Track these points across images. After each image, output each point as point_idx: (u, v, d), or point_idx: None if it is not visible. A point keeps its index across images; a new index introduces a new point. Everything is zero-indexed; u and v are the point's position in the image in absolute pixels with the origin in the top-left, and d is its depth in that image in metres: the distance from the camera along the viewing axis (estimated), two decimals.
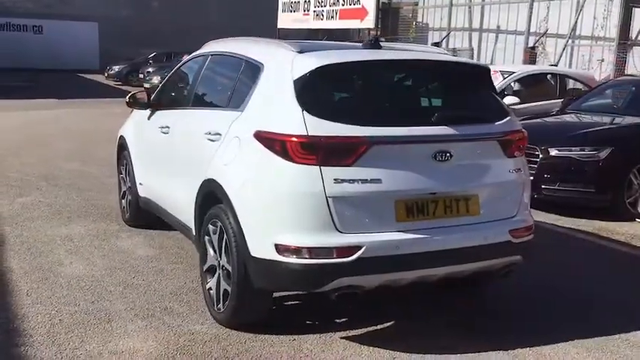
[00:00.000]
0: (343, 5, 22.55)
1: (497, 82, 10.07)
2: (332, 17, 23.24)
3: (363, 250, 3.55)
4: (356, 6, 21.85)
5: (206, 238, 4.28)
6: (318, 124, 3.59)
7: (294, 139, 3.56)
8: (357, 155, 3.57)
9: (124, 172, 6.43)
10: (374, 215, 3.63)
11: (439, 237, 3.75)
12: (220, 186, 4.01)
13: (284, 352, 3.83)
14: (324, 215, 3.54)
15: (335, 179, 3.54)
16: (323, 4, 23.68)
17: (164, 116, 5.44)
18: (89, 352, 3.76)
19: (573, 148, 7.17)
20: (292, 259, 3.55)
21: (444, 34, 20.54)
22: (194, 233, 4.58)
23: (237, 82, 4.41)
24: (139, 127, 6.03)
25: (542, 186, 7.23)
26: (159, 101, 5.70)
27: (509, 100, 9.63)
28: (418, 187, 3.71)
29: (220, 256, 4.07)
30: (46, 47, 35.81)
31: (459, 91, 4.27)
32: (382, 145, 3.63)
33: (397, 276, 3.78)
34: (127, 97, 5.81)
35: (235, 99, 4.31)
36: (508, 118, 4.12)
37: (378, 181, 3.60)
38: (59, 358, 3.68)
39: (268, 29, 27.39)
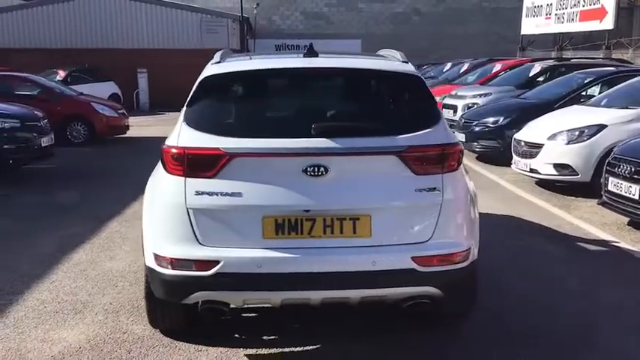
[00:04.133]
0: (584, 6, 20.54)
1: None
2: (572, 20, 21.33)
3: (220, 265, 3.44)
4: (595, 6, 19.73)
5: None
6: (189, 135, 3.58)
7: (173, 150, 3.59)
8: (218, 167, 3.47)
9: None
10: (237, 230, 3.48)
11: (312, 258, 3.44)
12: None
13: None
14: (186, 227, 3.51)
15: (196, 191, 3.49)
16: (564, 6, 21.87)
17: None
18: (27, 336, 4.24)
19: None
20: (162, 270, 3.59)
21: None
22: None
23: None
24: None
25: None
26: None
27: None
28: (286, 204, 3.45)
29: None
30: None
31: (363, 101, 3.84)
32: (244, 157, 3.46)
33: (260, 295, 3.58)
34: None
35: None
36: (425, 131, 3.58)
37: (239, 194, 3.45)
38: (5, 336, 4.21)
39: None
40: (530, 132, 9.04)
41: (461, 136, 11.64)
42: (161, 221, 3.63)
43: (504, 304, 4.71)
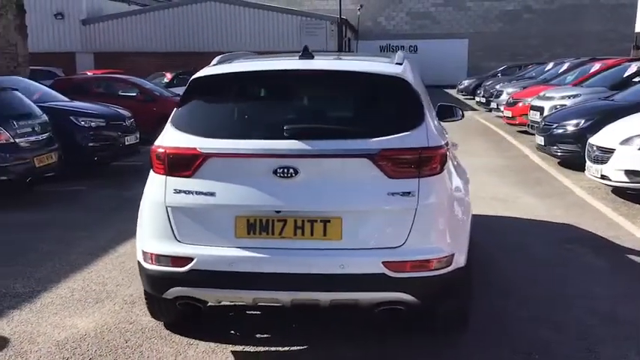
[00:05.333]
0: None
1: None
2: None
3: (194, 262, 3.54)
4: None
5: None
6: (172, 135, 3.71)
7: (158, 150, 3.74)
8: (195, 167, 3.57)
9: None
10: (212, 228, 3.56)
11: (281, 258, 3.47)
12: None
13: (168, 353, 4.02)
14: (165, 224, 3.64)
15: (175, 189, 3.61)
16: None
17: None
18: (44, 321, 4.55)
19: None
20: (146, 265, 3.75)
21: None
22: None
23: None
24: None
25: None
26: None
27: None
28: (257, 204, 3.49)
29: None
30: (419, 65, 38.21)
31: (341, 103, 3.81)
32: (218, 157, 3.54)
33: (231, 294, 3.64)
34: None
35: None
36: (403, 134, 3.49)
37: (212, 194, 3.53)
38: (26, 320, 4.54)
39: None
40: (604, 136, 8.50)
41: (540, 140, 11.16)
42: (146, 218, 3.79)
43: (516, 315, 4.50)
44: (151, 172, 3.82)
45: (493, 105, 19.44)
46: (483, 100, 23.20)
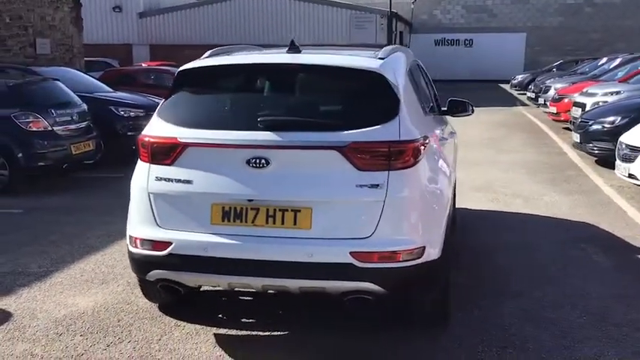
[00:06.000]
0: None
1: None
2: None
3: (172, 246, 3.70)
4: None
5: None
6: (156, 125, 3.88)
7: (144, 139, 3.92)
8: (174, 155, 3.72)
9: None
10: (189, 215, 3.71)
11: (252, 245, 3.58)
12: None
13: (155, 333, 4.20)
14: (147, 209, 3.82)
15: (157, 177, 3.78)
16: None
17: None
18: (49, 299, 4.81)
19: None
20: (132, 248, 3.94)
21: None
22: None
23: None
24: None
25: None
26: None
27: None
28: (231, 192, 3.61)
29: None
30: (474, 59, 37.83)
31: (316, 96, 3.87)
32: (195, 147, 3.68)
33: (207, 278, 3.78)
34: None
35: None
36: (374, 127, 3.54)
37: (189, 182, 3.68)
38: (32, 298, 4.82)
39: None
40: (633, 134, 8.29)
41: (576, 137, 10.91)
42: (132, 204, 3.97)
43: (503, 311, 4.49)
44: (138, 160, 4.00)
45: (541, 100, 19.04)
46: (533, 95, 22.74)
